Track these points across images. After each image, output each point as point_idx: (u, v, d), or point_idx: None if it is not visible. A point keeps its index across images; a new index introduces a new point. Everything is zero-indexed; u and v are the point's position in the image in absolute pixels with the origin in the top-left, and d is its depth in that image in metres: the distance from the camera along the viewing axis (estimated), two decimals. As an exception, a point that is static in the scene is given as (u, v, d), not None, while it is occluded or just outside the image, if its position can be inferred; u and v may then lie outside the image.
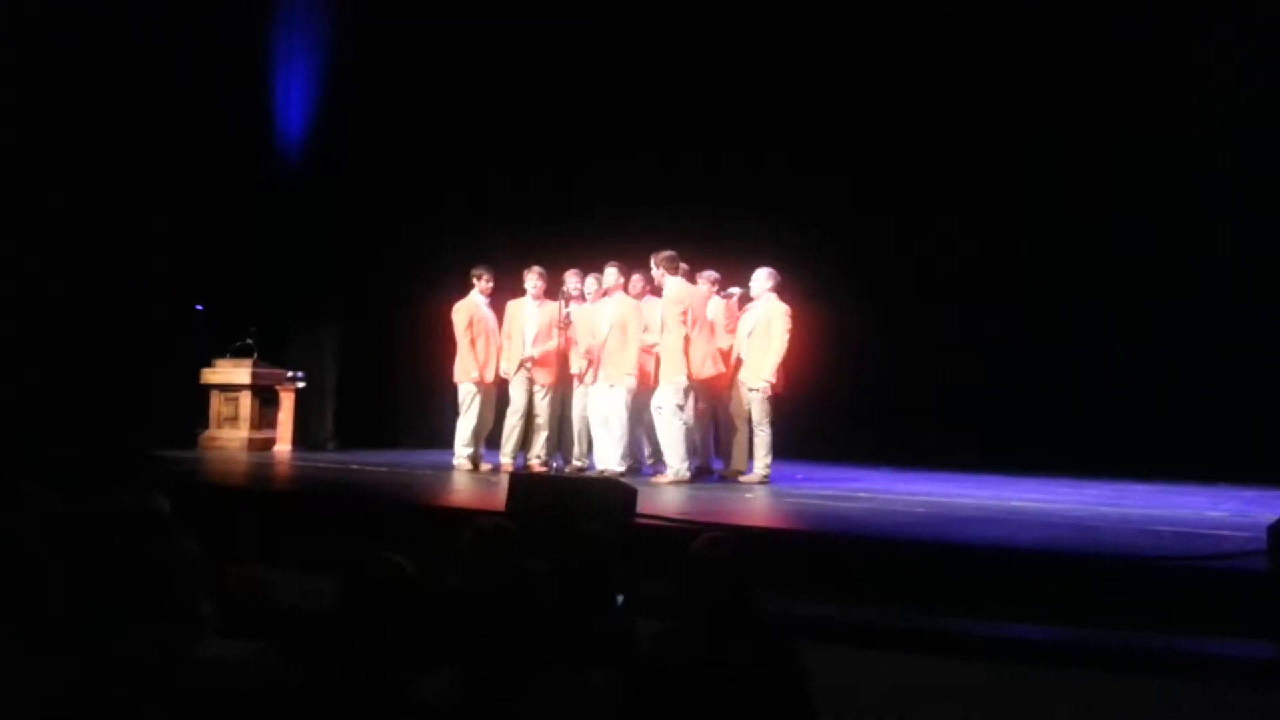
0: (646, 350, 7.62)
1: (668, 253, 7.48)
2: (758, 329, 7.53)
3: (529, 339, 8.03)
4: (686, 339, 7.29)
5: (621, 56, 9.80)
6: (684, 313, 7.30)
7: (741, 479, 7.48)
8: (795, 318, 7.52)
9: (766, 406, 7.43)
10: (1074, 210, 8.82)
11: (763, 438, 7.44)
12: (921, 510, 6.15)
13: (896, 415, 9.18)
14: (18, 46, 8.37)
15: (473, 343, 8.07)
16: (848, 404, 9.21)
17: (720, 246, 7.91)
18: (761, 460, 7.43)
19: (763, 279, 7.59)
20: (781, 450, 7.64)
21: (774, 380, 7.40)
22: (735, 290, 7.84)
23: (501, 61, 10.04)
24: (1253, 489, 7.33)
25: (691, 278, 7.74)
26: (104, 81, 8.72)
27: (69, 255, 8.61)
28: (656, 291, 7.69)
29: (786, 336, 7.41)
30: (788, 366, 7.57)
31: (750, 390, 7.48)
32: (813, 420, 8.77)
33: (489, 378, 8.11)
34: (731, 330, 7.74)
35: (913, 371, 9.19)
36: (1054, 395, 8.79)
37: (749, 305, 7.72)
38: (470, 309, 8.16)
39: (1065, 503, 6.63)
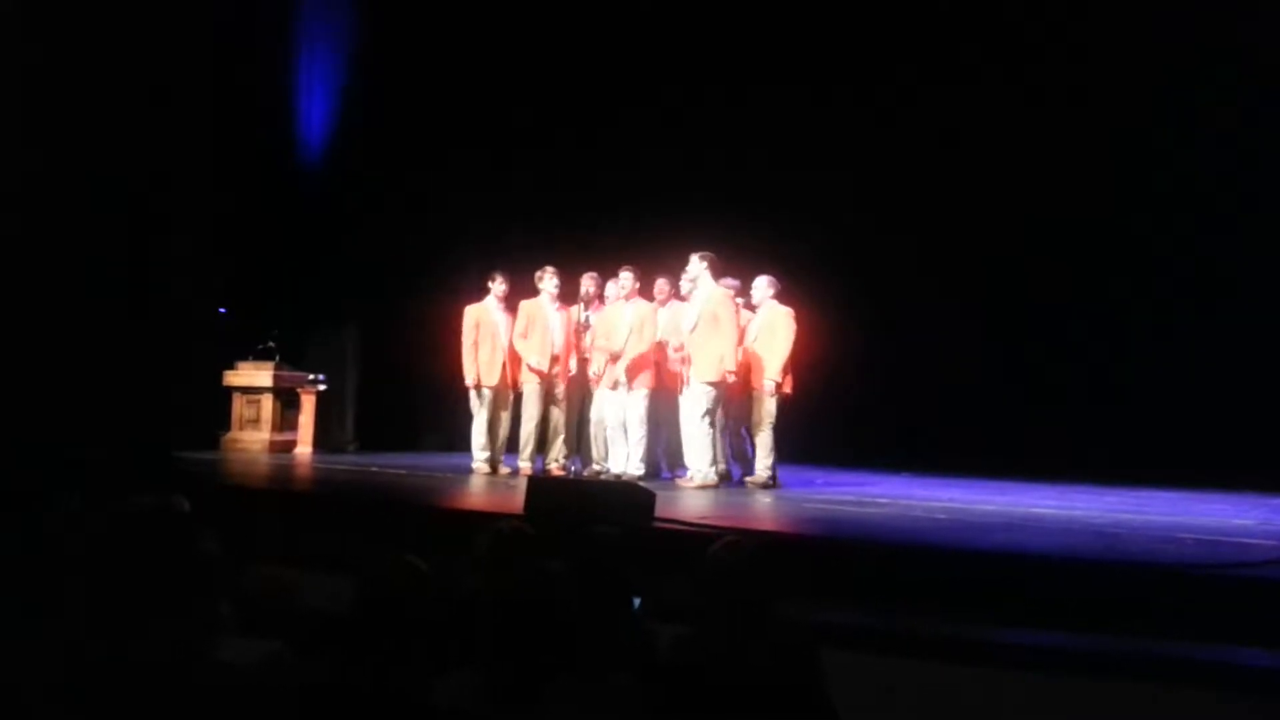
0: (678, 349, 7.50)
1: (712, 255, 7.46)
2: (761, 334, 7.54)
3: (558, 339, 8.02)
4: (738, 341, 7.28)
5: (641, 60, 9.81)
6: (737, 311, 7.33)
7: (747, 481, 7.46)
8: (801, 320, 7.52)
9: (771, 408, 7.41)
10: (1088, 212, 8.75)
11: (764, 439, 7.42)
12: (941, 516, 6.11)
13: (915, 421, 9.13)
14: (41, 54, 8.46)
15: (476, 346, 8.07)
16: (866, 410, 9.16)
17: (733, 251, 7.89)
18: (763, 462, 7.40)
19: (763, 286, 7.63)
20: (801, 455, 7.62)
21: (780, 379, 7.38)
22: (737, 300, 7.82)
23: (521, 64, 10.07)
24: (1279, 496, 7.26)
25: None
26: (127, 81, 8.78)
27: (91, 257, 8.68)
28: (678, 295, 7.71)
29: (792, 336, 7.42)
30: (796, 369, 7.56)
31: (755, 391, 7.45)
32: (831, 426, 8.75)
33: (491, 381, 8.04)
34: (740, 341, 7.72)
35: (931, 377, 9.14)
36: (1075, 401, 8.74)
37: (753, 314, 7.71)
38: (477, 313, 8.15)
39: (1086, 509, 6.56)
